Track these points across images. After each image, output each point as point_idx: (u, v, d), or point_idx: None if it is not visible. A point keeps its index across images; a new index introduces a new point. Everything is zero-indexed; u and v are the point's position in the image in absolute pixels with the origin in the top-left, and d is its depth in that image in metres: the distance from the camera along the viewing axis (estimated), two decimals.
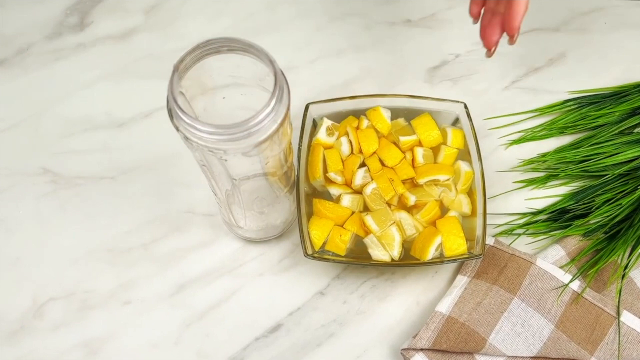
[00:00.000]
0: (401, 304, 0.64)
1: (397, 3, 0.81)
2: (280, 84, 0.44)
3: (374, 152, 0.64)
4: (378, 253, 0.59)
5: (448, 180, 0.63)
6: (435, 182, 0.63)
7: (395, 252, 0.59)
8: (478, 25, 0.62)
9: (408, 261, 0.60)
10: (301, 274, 0.65)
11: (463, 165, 0.64)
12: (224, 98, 0.52)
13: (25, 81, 0.75)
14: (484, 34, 0.61)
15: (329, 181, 0.63)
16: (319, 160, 0.63)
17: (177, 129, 0.45)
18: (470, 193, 0.64)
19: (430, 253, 0.60)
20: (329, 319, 0.63)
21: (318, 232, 0.60)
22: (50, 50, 0.77)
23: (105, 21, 0.79)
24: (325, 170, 0.63)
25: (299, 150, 0.64)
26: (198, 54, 0.45)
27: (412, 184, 0.64)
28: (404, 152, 0.64)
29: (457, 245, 0.60)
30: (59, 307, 0.63)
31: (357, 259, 0.61)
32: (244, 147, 0.44)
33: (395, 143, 0.65)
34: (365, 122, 0.66)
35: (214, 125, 0.42)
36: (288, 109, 0.46)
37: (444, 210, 0.63)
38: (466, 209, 0.62)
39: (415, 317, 0.63)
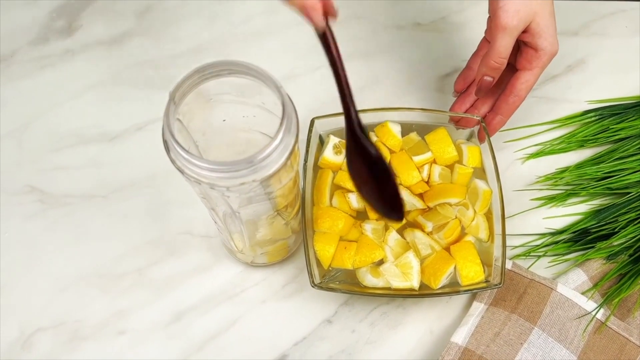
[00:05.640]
0: (414, 333, 0.60)
1: (406, 5, 0.76)
2: (288, 113, 0.40)
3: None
4: (398, 282, 0.55)
5: (459, 202, 0.59)
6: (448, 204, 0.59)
7: (415, 281, 0.55)
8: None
9: (422, 291, 0.56)
10: (307, 301, 0.61)
11: (480, 184, 0.60)
12: (224, 121, 0.48)
13: (8, 91, 0.70)
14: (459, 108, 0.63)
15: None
16: (326, 185, 0.59)
17: (174, 163, 0.40)
18: (487, 214, 0.59)
19: (442, 282, 0.56)
20: (336, 350, 0.59)
21: (324, 247, 0.56)
22: (35, 58, 0.72)
23: (95, 25, 0.74)
24: (332, 197, 0.59)
25: (305, 167, 0.59)
26: (196, 80, 0.40)
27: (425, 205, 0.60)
28: (420, 172, 0.60)
29: (474, 272, 0.56)
30: (48, 338, 0.59)
31: (366, 288, 0.57)
32: (249, 184, 0.40)
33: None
34: (373, 139, 0.62)
35: (216, 162, 0.38)
36: (297, 139, 0.42)
37: (463, 231, 0.59)
38: (483, 235, 0.58)
39: (428, 347, 0.59)
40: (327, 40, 0.42)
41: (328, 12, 0.42)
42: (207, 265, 0.62)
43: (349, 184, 0.59)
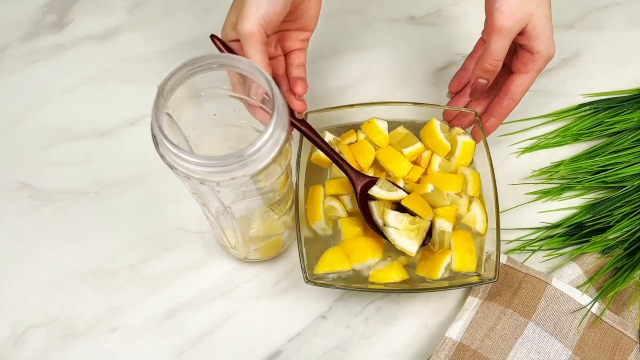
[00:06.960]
0: (408, 328, 0.60)
1: None
2: (278, 106, 0.39)
3: (374, 164, 0.60)
4: (402, 240, 0.54)
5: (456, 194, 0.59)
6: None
7: (417, 244, 0.54)
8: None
9: (416, 285, 0.56)
10: (301, 296, 0.61)
11: (465, 170, 0.60)
12: (215, 115, 0.47)
13: None
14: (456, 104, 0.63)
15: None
16: (319, 200, 0.58)
17: (163, 158, 0.40)
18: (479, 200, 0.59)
19: (440, 272, 0.55)
20: (331, 345, 0.59)
21: (333, 262, 0.56)
22: (26, 52, 0.71)
23: (86, 20, 0.73)
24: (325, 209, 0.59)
25: (298, 162, 0.59)
26: (185, 73, 0.40)
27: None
28: (419, 162, 0.60)
29: (465, 260, 0.55)
30: (41, 335, 0.58)
31: (360, 283, 0.56)
32: (239, 178, 0.39)
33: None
34: (361, 136, 0.61)
35: (205, 156, 0.37)
36: (288, 132, 0.41)
37: (460, 224, 0.58)
38: (480, 227, 0.57)
39: (423, 342, 0.59)
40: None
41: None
42: (201, 262, 0.62)
43: (339, 189, 0.59)
